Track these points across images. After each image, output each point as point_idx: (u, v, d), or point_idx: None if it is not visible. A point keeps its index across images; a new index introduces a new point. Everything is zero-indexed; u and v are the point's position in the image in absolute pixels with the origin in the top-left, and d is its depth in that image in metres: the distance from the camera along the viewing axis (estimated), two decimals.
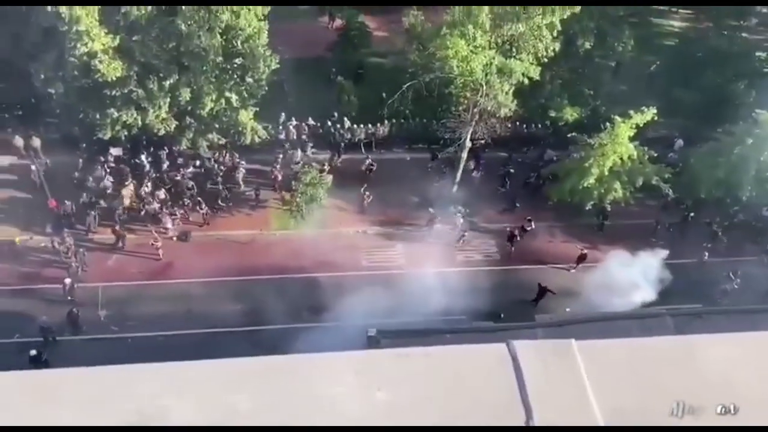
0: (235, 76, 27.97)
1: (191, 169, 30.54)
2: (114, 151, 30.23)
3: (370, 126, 32.55)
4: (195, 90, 27.34)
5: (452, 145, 30.37)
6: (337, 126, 32.41)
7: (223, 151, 31.10)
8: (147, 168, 30.18)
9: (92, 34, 24.92)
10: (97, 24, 25.12)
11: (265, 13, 26.99)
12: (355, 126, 32.44)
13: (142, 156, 30.33)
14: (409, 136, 33.27)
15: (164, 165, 30.48)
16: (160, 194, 29.40)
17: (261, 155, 31.43)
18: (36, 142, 29.94)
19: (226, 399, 4.86)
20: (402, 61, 32.57)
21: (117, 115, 27.25)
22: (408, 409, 4.92)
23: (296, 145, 32.09)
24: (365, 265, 29.00)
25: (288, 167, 31.12)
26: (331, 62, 34.99)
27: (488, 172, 32.58)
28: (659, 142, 32.37)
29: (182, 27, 25.60)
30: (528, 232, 30.24)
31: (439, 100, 30.85)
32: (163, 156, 30.46)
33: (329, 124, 32.46)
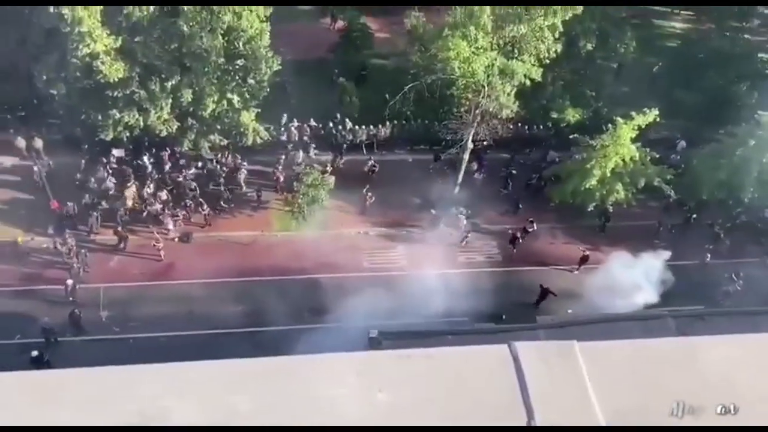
0: (237, 77, 28.00)
1: (193, 170, 30.55)
2: (116, 152, 30.25)
3: (371, 127, 32.56)
4: (197, 91, 27.37)
5: (454, 146, 30.36)
6: (339, 127, 32.43)
7: (225, 153, 31.12)
8: (149, 169, 30.20)
9: (94, 35, 24.96)
10: (99, 25, 25.15)
11: (267, 14, 27.02)
12: (356, 127, 32.45)
13: (144, 157, 30.35)
14: (411, 138, 33.26)
15: (166, 166, 30.51)
16: (162, 195, 29.42)
17: (263, 156, 31.46)
18: (38, 143, 29.97)
19: (228, 400, 4.86)
20: (404, 63, 32.57)
21: (119, 116, 27.29)
22: (409, 410, 4.92)
23: (298, 146, 32.11)
24: (367, 267, 29.00)
25: (290, 168, 31.15)
26: (332, 64, 34.99)
27: (490, 174, 32.57)
28: (661, 143, 32.35)
29: (184, 28, 25.63)
30: (530, 234, 30.23)
31: (440, 102, 30.84)
32: (165, 157, 30.49)
33: (331, 125, 32.48)
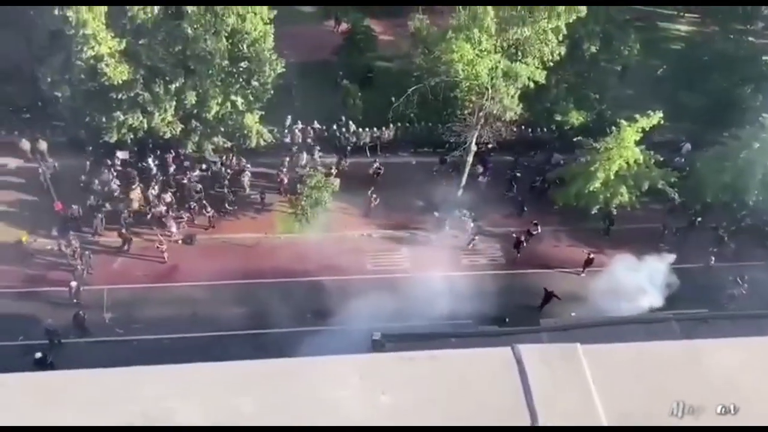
0: (241, 79, 28.06)
1: (197, 172, 30.60)
2: (121, 154, 30.33)
3: (375, 129, 32.58)
4: (201, 93, 27.43)
5: (458, 148, 30.35)
6: (343, 130, 32.45)
7: (229, 155, 31.17)
8: (154, 171, 30.26)
9: (99, 37, 25.05)
10: (104, 27, 25.25)
11: (271, 16, 27.07)
12: (360, 129, 32.48)
13: (149, 159, 30.41)
14: (415, 140, 33.28)
15: (171, 168, 30.57)
16: (167, 197, 29.48)
17: (267, 158, 31.51)
18: (42, 145, 30.07)
19: (231, 401, 4.85)
20: (407, 65, 32.57)
21: (123, 118, 27.37)
22: (412, 412, 4.90)
23: (302, 148, 32.14)
24: (370, 269, 28.99)
25: (294, 171, 31.19)
26: (336, 66, 35.04)
27: (494, 176, 32.54)
28: (665, 146, 32.32)
29: (188, 30, 25.70)
30: (534, 236, 30.18)
31: (444, 104, 30.86)
32: (169, 159, 30.56)
33: (334, 127, 32.50)
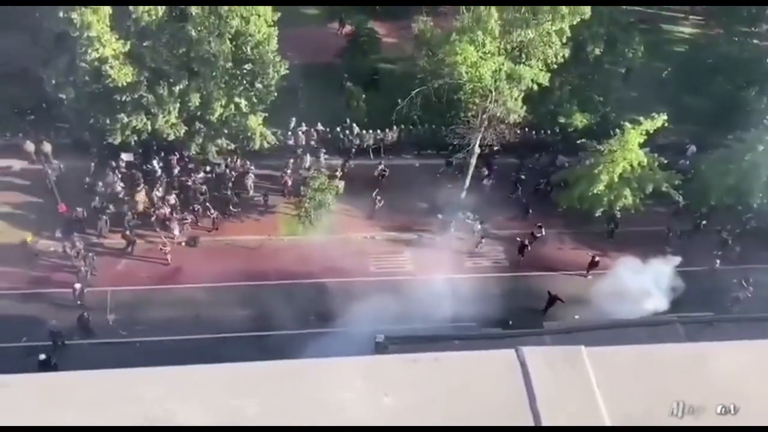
0: (245, 81, 28.10)
1: (202, 174, 30.65)
2: (125, 156, 30.38)
3: (379, 132, 32.59)
4: (204, 95, 27.48)
5: (461, 151, 30.34)
6: (346, 132, 32.46)
7: (233, 157, 31.21)
8: (158, 173, 30.32)
9: (103, 39, 25.13)
10: (108, 30, 25.33)
11: (275, 19, 27.12)
12: (363, 132, 32.49)
13: (153, 161, 30.46)
14: (418, 142, 33.28)
15: (175, 170, 30.62)
16: (171, 199, 29.52)
17: (270, 161, 31.54)
18: (46, 147, 30.14)
19: (234, 403, 4.84)
20: (411, 67, 32.59)
21: (127, 120, 27.43)
22: (416, 414, 4.89)
23: (306, 150, 32.15)
24: (373, 271, 28.98)
25: (298, 173, 31.21)
26: (340, 68, 35.07)
27: (499, 179, 32.50)
28: (670, 148, 32.25)
29: (192, 33, 25.76)
30: (538, 239, 30.13)
31: (448, 106, 30.85)
32: (173, 161, 30.61)
33: (338, 130, 32.52)
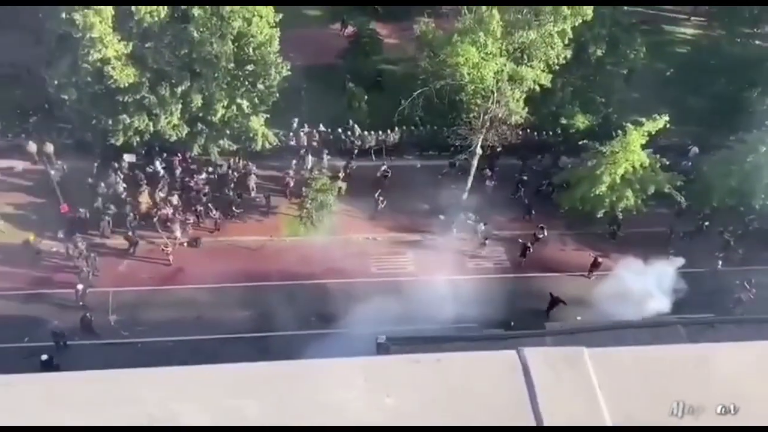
0: (247, 82, 28.14)
1: (204, 175, 30.67)
2: (127, 157, 30.41)
3: (380, 133, 32.61)
4: (207, 96, 27.53)
5: (463, 152, 30.34)
6: (348, 133, 32.48)
7: (236, 158, 31.25)
8: (161, 174, 30.35)
9: (105, 40, 25.19)
10: (111, 31, 25.40)
11: (277, 20, 27.16)
12: (365, 133, 32.50)
13: (156, 162, 30.50)
14: (420, 143, 33.30)
15: (177, 171, 30.66)
16: (173, 200, 29.55)
17: (273, 161, 31.58)
18: (49, 148, 30.20)
19: (235, 403, 4.85)
20: (413, 68, 32.63)
21: (129, 121, 27.49)
22: (417, 415, 4.89)
23: (309, 151, 32.17)
24: (375, 272, 28.98)
25: (300, 173, 31.22)
26: (342, 69, 35.10)
27: (501, 180, 32.48)
28: (672, 149, 32.22)
29: (194, 34, 25.80)
30: (540, 240, 30.11)
31: (449, 107, 30.86)
32: (176, 162, 30.64)
33: (340, 131, 32.54)
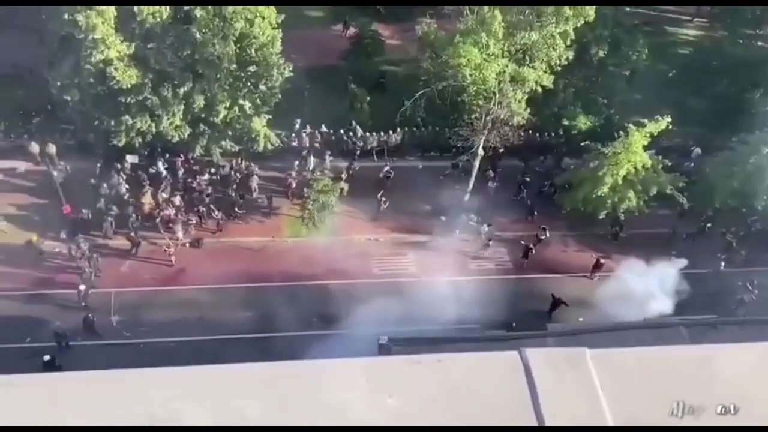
0: (249, 83, 28.17)
1: (207, 176, 30.70)
2: (130, 158, 30.44)
3: (382, 134, 32.62)
4: (209, 97, 27.56)
5: (465, 153, 30.33)
6: (350, 134, 32.50)
7: (238, 159, 31.28)
8: (164, 175, 30.39)
9: (108, 41, 25.22)
10: (113, 32, 25.42)
11: (279, 21, 27.17)
12: (367, 134, 32.51)
13: (159, 163, 30.54)
14: (422, 144, 33.29)
15: (180, 172, 30.69)
16: (176, 201, 29.58)
17: (275, 162, 31.61)
18: (51, 149, 30.18)
19: (237, 404, 4.86)
20: (415, 70, 32.58)
21: (131, 122, 27.52)
22: (419, 415, 4.89)
23: (312, 152, 32.18)
24: (376, 273, 28.97)
25: (302, 174, 31.24)
26: (344, 70, 35.11)
27: (503, 181, 32.46)
28: (674, 151, 32.18)
29: (197, 35, 25.82)
30: (542, 241, 30.09)
31: (451, 108, 30.83)
32: (178, 163, 30.68)
33: (341, 132, 32.56)
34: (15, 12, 31.55)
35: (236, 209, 30.13)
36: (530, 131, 32.32)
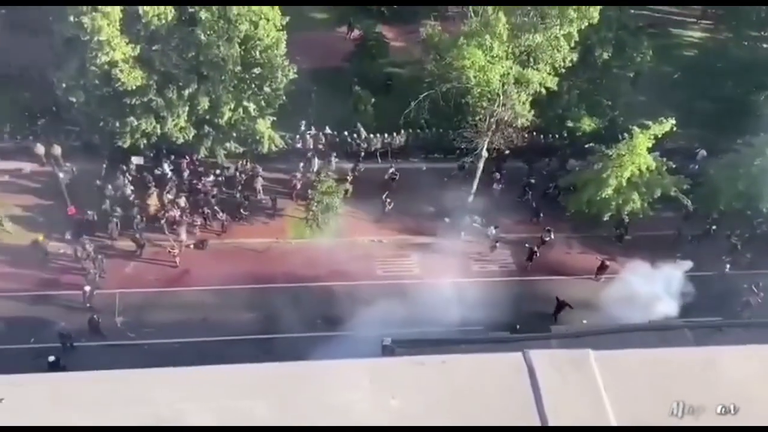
0: (253, 85, 28.22)
1: (212, 177, 30.76)
2: (135, 159, 30.53)
3: (387, 136, 32.64)
4: (213, 99, 27.62)
5: (469, 154, 30.32)
6: (355, 136, 32.53)
7: (243, 160, 31.34)
8: (169, 176, 30.45)
9: (113, 43, 25.31)
10: (118, 34, 25.50)
11: (284, 23, 27.22)
12: (371, 135, 32.53)
13: (164, 164, 30.61)
14: (426, 146, 33.29)
15: (185, 173, 30.76)
16: (181, 202, 29.65)
17: (280, 164, 31.65)
18: (57, 150, 30.30)
19: (242, 404, 4.87)
20: (419, 71, 32.62)
21: (136, 123, 27.60)
22: (422, 416, 4.90)
23: (316, 154, 32.22)
24: (380, 275, 28.96)
25: (306, 176, 31.27)
26: (349, 72, 35.14)
27: (507, 183, 32.41)
28: (679, 153, 32.11)
29: (202, 37, 25.88)
30: (546, 243, 30.05)
31: (455, 110, 30.83)
32: (183, 164, 30.75)
33: (346, 133, 32.59)
34: (20, 14, 31.67)
35: (241, 210, 30.18)
36: (534, 133, 32.29)
